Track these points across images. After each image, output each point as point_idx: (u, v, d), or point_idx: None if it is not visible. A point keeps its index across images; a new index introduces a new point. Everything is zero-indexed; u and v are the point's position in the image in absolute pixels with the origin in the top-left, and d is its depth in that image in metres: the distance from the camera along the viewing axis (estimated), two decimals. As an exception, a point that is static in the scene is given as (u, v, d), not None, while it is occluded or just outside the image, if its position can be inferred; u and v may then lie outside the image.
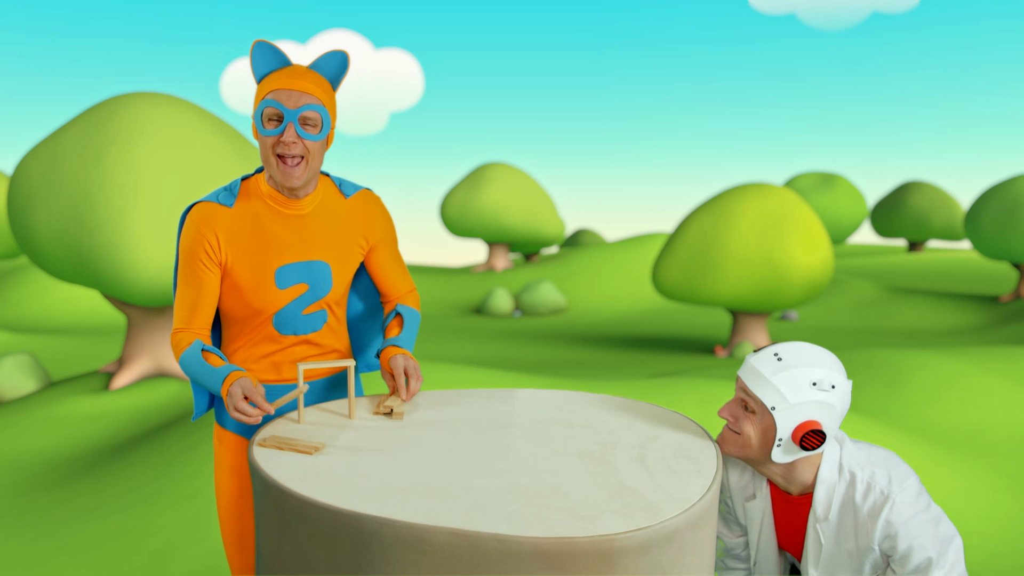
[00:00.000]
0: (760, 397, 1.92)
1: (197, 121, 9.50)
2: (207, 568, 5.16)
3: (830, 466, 1.98)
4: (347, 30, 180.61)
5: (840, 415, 1.93)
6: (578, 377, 11.24)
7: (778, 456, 1.94)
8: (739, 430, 1.97)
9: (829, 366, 1.93)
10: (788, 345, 1.96)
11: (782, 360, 1.92)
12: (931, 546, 1.92)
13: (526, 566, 1.50)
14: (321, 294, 2.27)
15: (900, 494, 1.93)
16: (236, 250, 2.19)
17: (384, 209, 2.37)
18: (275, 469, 1.80)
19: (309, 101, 2.10)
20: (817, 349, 1.97)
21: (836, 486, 1.97)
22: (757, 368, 1.93)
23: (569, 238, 39.97)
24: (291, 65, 2.14)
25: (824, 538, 2.01)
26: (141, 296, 9.12)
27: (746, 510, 2.16)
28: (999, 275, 27.26)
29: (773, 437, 1.93)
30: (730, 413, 1.99)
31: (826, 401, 1.90)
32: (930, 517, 1.94)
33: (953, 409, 8.24)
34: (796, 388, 1.89)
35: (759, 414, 1.94)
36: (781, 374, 1.90)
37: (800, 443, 1.90)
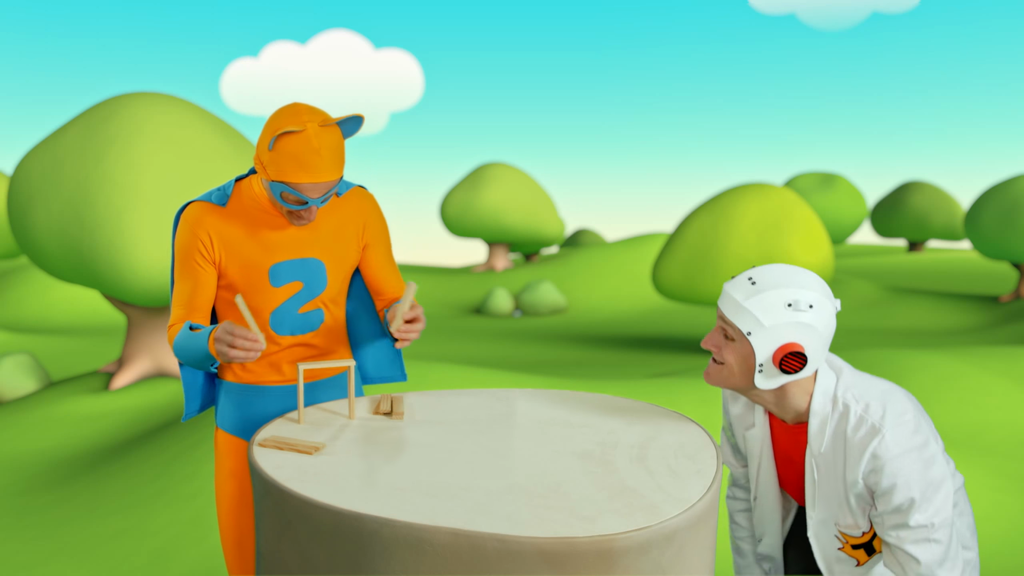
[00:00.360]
0: (736, 323, 1.87)
1: (197, 121, 9.50)
2: (207, 568, 5.16)
3: (823, 396, 1.92)
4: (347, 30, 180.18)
5: (824, 336, 1.86)
6: (578, 377, 11.24)
7: (761, 382, 1.89)
8: (722, 360, 1.93)
9: (806, 286, 1.86)
10: (764, 268, 1.91)
11: (756, 284, 1.87)
12: (915, 486, 1.86)
13: (526, 566, 1.50)
14: (316, 292, 2.27)
15: (892, 429, 1.86)
16: (230, 249, 2.20)
17: (377, 207, 2.37)
18: (275, 469, 1.80)
19: (332, 186, 2.08)
20: (794, 269, 1.90)
21: (829, 417, 1.92)
22: (732, 294, 1.89)
23: (569, 238, 39.97)
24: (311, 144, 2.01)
25: (818, 472, 1.96)
26: (141, 296, 9.12)
27: (746, 440, 2.13)
28: (999, 275, 27.26)
29: (753, 363, 1.88)
30: (712, 344, 1.95)
31: (804, 322, 1.83)
32: (922, 457, 1.87)
33: (953, 409, 8.24)
34: (771, 310, 1.84)
35: (738, 341, 1.89)
36: (754, 298, 1.85)
37: (780, 366, 1.85)
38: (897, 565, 1.93)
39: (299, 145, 2.01)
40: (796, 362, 1.85)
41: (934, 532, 1.88)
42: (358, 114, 2.09)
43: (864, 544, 2.00)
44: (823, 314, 1.85)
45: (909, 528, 1.88)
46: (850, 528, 1.98)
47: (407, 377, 2.57)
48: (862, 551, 2.01)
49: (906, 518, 1.88)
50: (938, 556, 1.89)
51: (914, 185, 34.86)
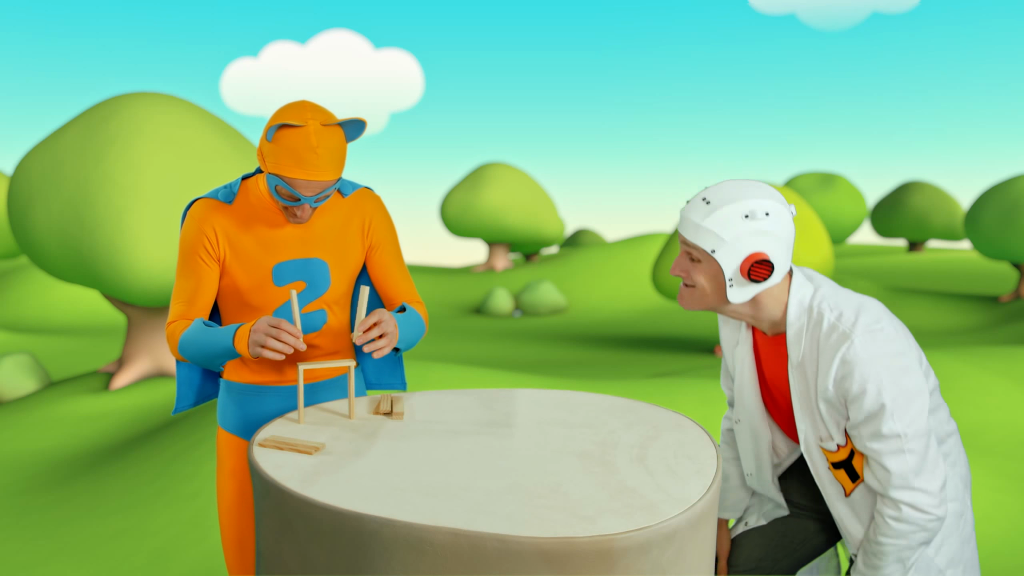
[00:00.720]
0: (698, 244, 1.90)
1: (197, 121, 9.50)
2: (207, 568, 5.16)
3: (798, 307, 1.95)
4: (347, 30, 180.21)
5: (785, 241, 1.89)
6: (578, 377, 11.25)
7: (735, 296, 1.92)
8: (692, 282, 1.96)
9: (759, 195, 1.89)
10: (716, 186, 1.94)
11: (711, 202, 1.90)
12: (886, 393, 1.85)
13: (526, 566, 1.50)
14: (319, 292, 2.27)
15: (862, 335, 1.87)
16: (235, 246, 2.20)
17: (383, 208, 2.36)
18: (275, 469, 1.81)
19: (327, 186, 2.08)
20: (746, 182, 1.93)
21: (805, 327, 1.95)
22: (689, 217, 1.92)
23: (569, 238, 39.97)
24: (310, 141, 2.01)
25: (798, 382, 1.98)
26: (141, 296, 9.12)
27: (734, 359, 2.15)
28: (999, 275, 27.26)
29: (723, 279, 1.92)
30: (680, 269, 1.97)
31: (763, 230, 1.87)
32: (894, 364, 1.87)
33: (953, 409, 8.25)
34: (729, 225, 1.87)
35: (704, 261, 1.92)
36: (712, 216, 1.88)
37: (749, 276, 1.88)
38: (875, 480, 1.92)
39: (297, 140, 2.01)
40: (763, 269, 1.88)
41: (907, 442, 1.88)
42: (361, 118, 2.09)
43: (843, 463, 1.99)
44: (780, 220, 1.89)
45: (882, 438, 1.88)
46: (826, 442, 1.98)
47: (407, 386, 2.56)
48: (844, 474, 2.00)
49: (878, 426, 1.87)
50: (912, 466, 1.88)
51: (914, 185, 34.87)
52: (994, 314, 20.32)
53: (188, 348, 2.16)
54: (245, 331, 2.06)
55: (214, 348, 2.11)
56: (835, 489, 2.04)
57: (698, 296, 1.96)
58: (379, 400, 2.27)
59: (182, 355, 2.19)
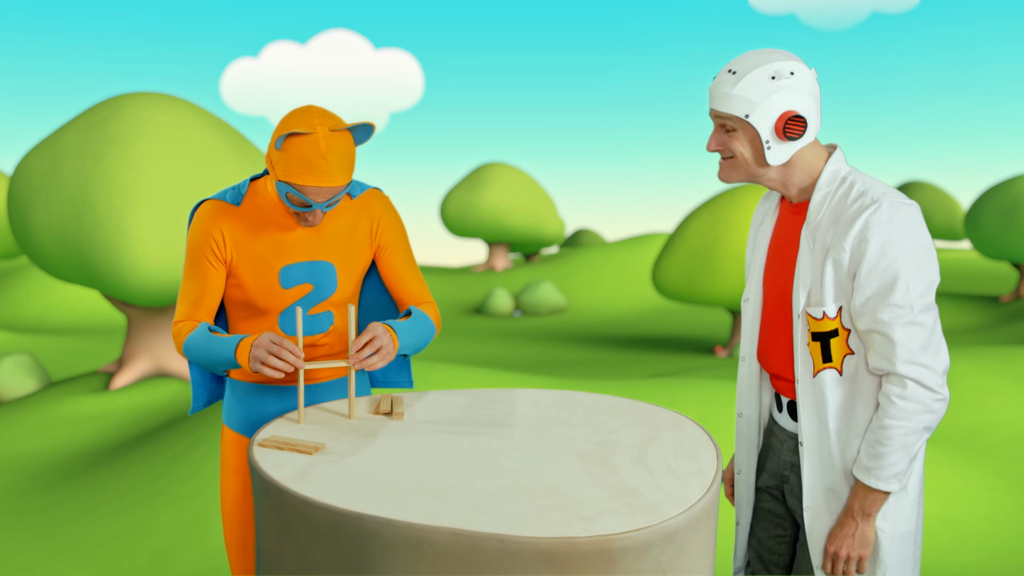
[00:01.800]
0: (731, 112, 1.95)
1: (197, 121, 9.50)
2: (207, 568, 5.16)
3: (831, 175, 2.01)
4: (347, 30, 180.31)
5: (814, 97, 1.97)
6: (578, 377, 11.25)
7: (773, 157, 1.97)
8: (730, 153, 2.01)
9: (782, 58, 1.96)
10: (739, 57, 2.00)
11: (736, 72, 1.96)
12: (902, 263, 1.88)
13: (526, 566, 1.50)
14: (326, 294, 2.27)
15: (891, 204, 1.91)
16: (242, 249, 2.20)
17: (391, 208, 2.35)
18: (275, 469, 1.81)
19: (337, 191, 2.08)
20: (766, 50, 2.00)
21: (832, 193, 2.01)
22: (719, 90, 1.97)
23: (569, 238, 39.97)
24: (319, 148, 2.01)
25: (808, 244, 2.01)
26: (141, 296, 9.12)
27: (757, 238, 2.22)
28: (999, 275, 27.26)
29: (760, 142, 1.97)
30: (717, 143, 2.02)
31: (791, 87, 1.93)
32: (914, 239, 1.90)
33: (953, 409, 8.25)
34: (758, 88, 1.93)
35: (739, 129, 1.98)
36: (740, 83, 1.94)
37: (785, 134, 1.94)
38: (881, 358, 1.91)
39: (307, 147, 2.01)
40: (797, 125, 1.95)
41: (917, 315, 1.89)
42: (369, 122, 2.08)
43: (822, 336, 2.00)
44: (805, 78, 1.96)
45: (893, 307, 1.88)
46: (816, 306, 1.99)
47: (414, 384, 2.57)
48: (818, 348, 2.01)
49: (890, 295, 1.89)
50: (921, 340, 1.89)
51: (914, 185, 34.87)
52: (994, 314, 20.32)
53: (192, 351, 2.18)
54: (247, 345, 2.07)
55: (216, 356, 2.13)
56: (806, 366, 2.05)
57: (737, 165, 2.02)
58: (379, 400, 2.27)
59: (186, 356, 2.21)
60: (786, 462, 2.18)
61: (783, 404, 2.20)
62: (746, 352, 2.24)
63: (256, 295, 2.22)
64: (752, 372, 2.23)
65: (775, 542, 2.26)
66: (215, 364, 2.15)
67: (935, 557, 5.70)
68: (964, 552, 5.75)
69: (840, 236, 1.94)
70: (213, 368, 2.17)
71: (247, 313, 2.27)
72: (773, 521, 2.26)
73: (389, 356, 2.11)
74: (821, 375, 2.03)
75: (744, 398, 2.26)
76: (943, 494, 6.34)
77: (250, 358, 2.05)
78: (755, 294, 2.20)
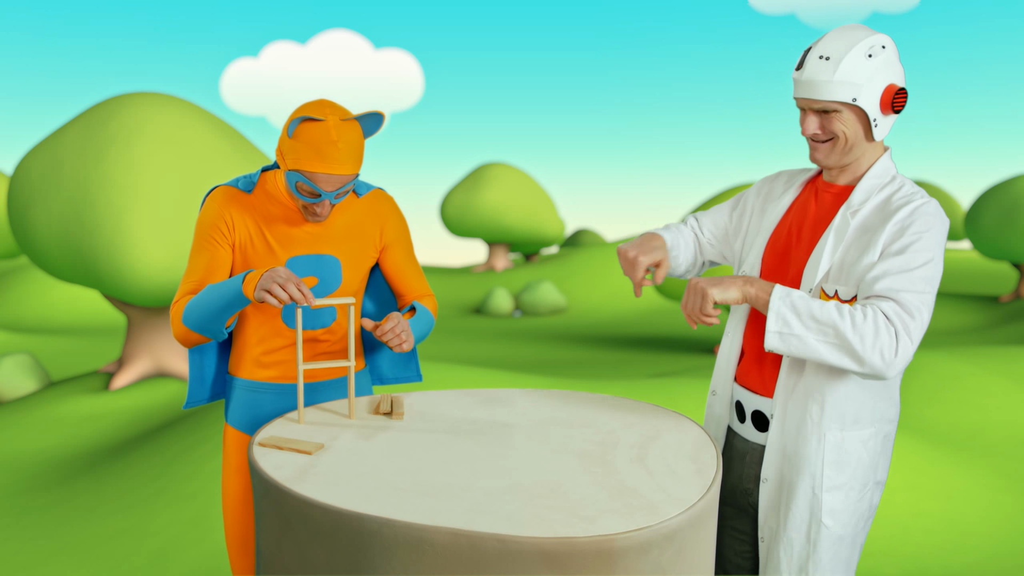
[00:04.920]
0: (837, 98, 1.94)
1: (197, 121, 9.50)
2: (207, 568, 5.16)
3: (883, 168, 2.04)
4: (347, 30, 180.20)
5: (899, 63, 1.99)
6: (578, 377, 11.25)
7: (879, 133, 1.99)
8: (831, 134, 2.00)
9: (866, 33, 1.97)
10: (823, 42, 1.98)
11: (830, 57, 1.95)
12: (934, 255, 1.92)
13: (526, 566, 1.50)
14: (330, 288, 2.30)
15: (938, 209, 1.96)
16: (248, 236, 2.23)
17: (397, 209, 2.39)
18: (275, 469, 1.81)
19: (347, 180, 2.11)
20: (847, 27, 2.00)
21: (883, 186, 2.03)
22: (816, 79, 1.96)
23: (569, 238, 39.96)
24: (330, 135, 2.04)
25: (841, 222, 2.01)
26: (141, 296, 9.12)
27: (763, 213, 2.21)
28: (999, 275, 27.26)
29: (868, 122, 1.98)
30: (816, 126, 2.01)
31: (887, 60, 1.95)
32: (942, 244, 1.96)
33: (953, 409, 8.24)
34: (858, 69, 1.93)
35: (843, 111, 1.97)
36: (839, 68, 1.93)
37: (893, 108, 1.96)
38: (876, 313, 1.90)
39: (318, 134, 2.04)
40: (902, 97, 1.97)
41: (926, 296, 1.91)
42: (379, 111, 2.12)
43: None
44: (892, 46, 1.98)
45: (909, 278, 1.90)
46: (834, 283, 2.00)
47: (422, 377, 2.59)
48: None
49: (914, 272, 1.91)
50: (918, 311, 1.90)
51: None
52: (994, 314, 20.31)
53: (194, 309, 2.14)
54: (257, 274, 2.06)
55: (221, 297, 2.09)
56: None
57: (840, 146, 2.01)
58: (379, 400, 2.27)
59: (185, 324, 2.17)
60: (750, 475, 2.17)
61: (746, 415, 2.18)
62: (731, 327, 2.22)
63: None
64: (733, 349, 2.21)
65: (741, 558, 2.26)
66: (219, 309, 2.10)
67: (935, 557, 5.70)
68: (964, 552, 5.75)
69: (884, 220, 1.96)
70: (215, 317, 2.12)
71: (251, 307, 2.29)
72: (737, 538, 2.25)
73: (410, 343, 2.17)
74: None
75: (720, 376, 2.24)
76: (943, 494, 6.34)
77: (260, 281, 2.02)
78: (752, 267, 2.18)
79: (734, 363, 2.20)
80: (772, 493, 2.10)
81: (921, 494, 6.28)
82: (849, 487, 2.04)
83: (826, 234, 2.02)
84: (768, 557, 2.11)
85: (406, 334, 2.16)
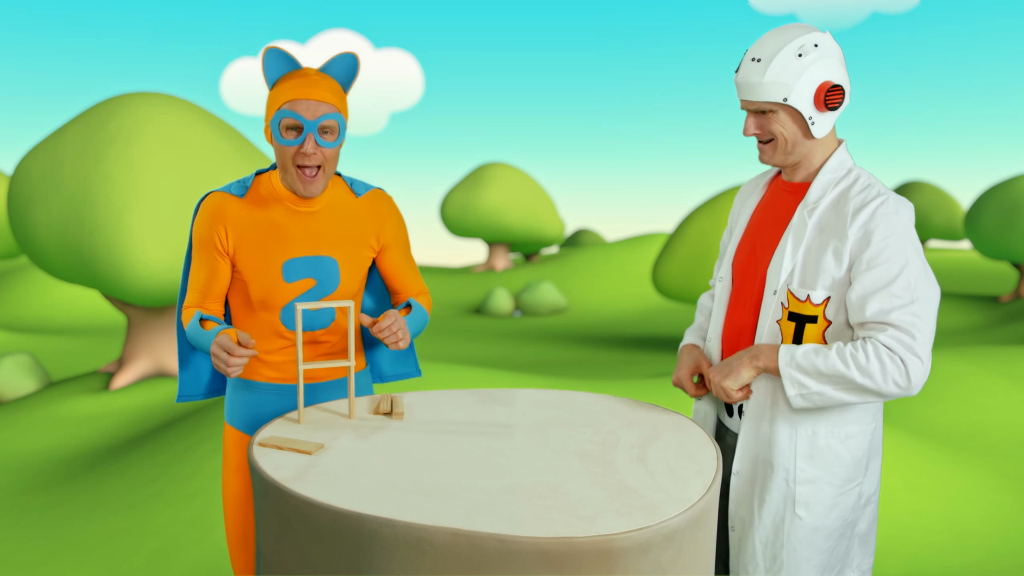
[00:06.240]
0: (768, 99, 1.95)
1: (197, 121, 9.50)
2: (207, 568, 5.16)
3: (837, 163, 2.02)
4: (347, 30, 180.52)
5: (841, 61, 1.98)
6: (578, 377, 11.25)
7: (819, 130, 1.98)
8: (771, 135, 2.01)
9: (800, 32, 1.97)
10: (756, 44, 2.00)
11: (760, 59, 1.96)
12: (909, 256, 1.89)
13: (526, 566, 1.50)
14: (328, 290, 2.29)
15: (897, 202, 1.93)
16: (244, 242, 2.23)
17: (395, 209, 2.39)
18: (275, 469, 1.81)
19: (327, 111, 2.13)
20: (782, 27, 2.01)
21: (838, 181, 2.02)
22: (748, 81, 1.97)
23: (569, 238, 39.96)
24: (304, 71, 2.15)
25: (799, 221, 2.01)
26: (141, 296, 9.12)
27: (740, 216, 2.22)
28: (999, 275, 27.26)
29: (803, 121, 1.98)
30: (755, 127, 2.02)
31: (820, 58, 1.94)
32: (917, 246, 1.92)
33: (953, 409, 8.24)
34: (788, 69, 1.93)
35: (778, 112, 1.98)
36: (769, 69, 1.94)
37: (827, 105, 1.95)
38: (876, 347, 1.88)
39: (295, 75, 2.14)
40: (837, 94, 1.96)
41: (918, 306, 1.89)
42: (351, 52, 2.18)
43: (800, 318, 2.00)
44: (829, 45, 1.97)
45: (891, 296, 1.88)
46: (802, 287, 1.98)
47: (421, 372, 2.61)
48: (792, 327, 2.01)
49: (890, 286, 1.89)
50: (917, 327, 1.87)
51: (914, 185, 34.86)
52: (994, 314, 20.31)
53: (190, 336, 2.24)
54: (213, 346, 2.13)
55: (201, 339, 2.20)
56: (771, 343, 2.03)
57: (781, 146, 2.01)
58: (379, 400, 2.27)
59: (187, 331, 2.26)
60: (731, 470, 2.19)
61: (733, 408, 2.19)
62: (713, 333, 2.23)
63: (259, 289, 2.23)
64: (714, 355, 2.22)
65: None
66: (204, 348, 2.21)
67: (935, 557, 5.70)
68: (964, 552, 5.75)
69: (843, 224, 1.94)
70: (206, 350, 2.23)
71: (250, 308, 2.28)
72: None
73: (406, 341, 2.20)
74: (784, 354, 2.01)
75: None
76: (943, 494, 6.34)
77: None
78: (728, 272, 2.19)
79: (716, 359, 2.22)
80: (744, 484, 2.11)
81: (921, 494, 6.28)
82: (825, 481, 2.04)
83: (785, 235, 2.03)
84: (740, 546, 2.13)
85: (403, 332, 2.18)
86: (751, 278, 2.12)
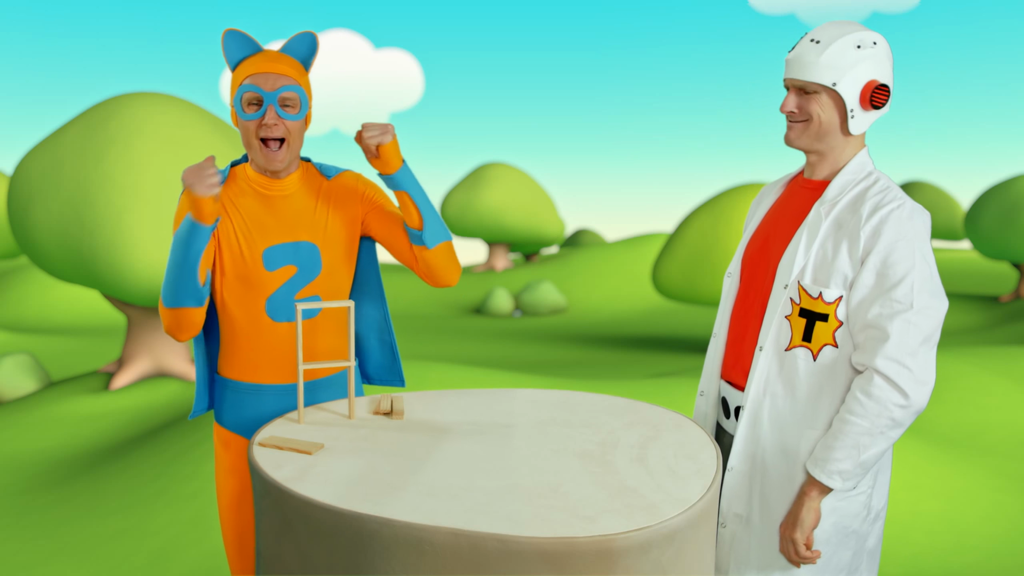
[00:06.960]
0: (818, 80, 1.95)
1: (197, 121, 9.50)
2: (207, 568, 5.16)
3: (859, 164, 2.02)
4: (347, 30, 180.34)
5: (891, 66, 1.99)
6: (578, 377, 11.25)
7: (856, 127, 1.98)
8: (807, 115, 2.00)
9: (862, 29, 1.98)
10: (818, 28, 2.01)
11: (820, 41, 1.96)
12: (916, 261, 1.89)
13: (526, 566, 1.50)
14: (311, 276, 2.27)
15: (913, 208, 1.93)
16: (224, 230, 2.23)
17: (369, 180, 2.38)
18: (275, 469, 1.80)
19: (286, 83, 2.17)
20: (844, 21, 2.02)
21: (858, 182, 2.01)
22: (802, 59, 1.97)
23: (569, 238, 39.96)
24: (264, 50, 2.20)
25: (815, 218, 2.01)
26: (141, 296, 9.12)
27: (753, 216, 2.22)
28: (999, 275, 27.26)
29: (844, 111, 1.98)
30: (794, 103, 2.01)
31: (875, 56, 1.95)
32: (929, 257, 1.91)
33: (953, 409, 8.24)
34: (844, 56, 1.94)
35: (822, 94, 1.98)
36: (826, 52, 1.94)
37: (872, 103, 1.95)
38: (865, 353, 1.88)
39: (256, 54, 2.21)
40: (883, 94, 1.96)
41: (916, 315, 1.88)
42: (309, 31, 2.23)
43: (810, 314, 1.99)
44: (884, 46, 1.98)
45: (892, 301, 1.88)
46: (815, 284, 1.97)
47: (405, 383, 2.57)
48: (803, 324, 2.00)
49: (892, 291, 1.89)
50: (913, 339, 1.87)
51: (914, 185, 34.86)
52: (994, 314, 20.31)
53: (165, 277, 2.15)
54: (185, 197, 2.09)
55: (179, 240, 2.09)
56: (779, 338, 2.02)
57: (813, 129, 2.01)
58: (379, 400, 2.27)
59: (164, 303, 2.15)
60: None
61: (731, 411, 2.18)
62: (719, 328, 2.22)
63: (242, 280, 2.22)
64: (720, 350, 2.22)
65: None
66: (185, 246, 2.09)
67: (935, 557, 5.70)
68: (964, 552, 5.75)
69: (857, 224, 1.94)
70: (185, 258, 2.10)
71: (236, 302, 2.26)
72: None
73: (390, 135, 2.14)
74: (795, 351, 2.01)
75: (708, 377, 2.25)
76: (943, 494, 6.34)
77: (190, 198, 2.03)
78: (737, 267, 2.19)
79: (719, 362, 2.22)
80: (739, 480, 2.10)
81: (921, 494, 6.28)
82: None
83: (800, 229, 2.02)
84: (733, 542, 2.12)
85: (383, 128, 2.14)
86: (762, 272, 2.11)
